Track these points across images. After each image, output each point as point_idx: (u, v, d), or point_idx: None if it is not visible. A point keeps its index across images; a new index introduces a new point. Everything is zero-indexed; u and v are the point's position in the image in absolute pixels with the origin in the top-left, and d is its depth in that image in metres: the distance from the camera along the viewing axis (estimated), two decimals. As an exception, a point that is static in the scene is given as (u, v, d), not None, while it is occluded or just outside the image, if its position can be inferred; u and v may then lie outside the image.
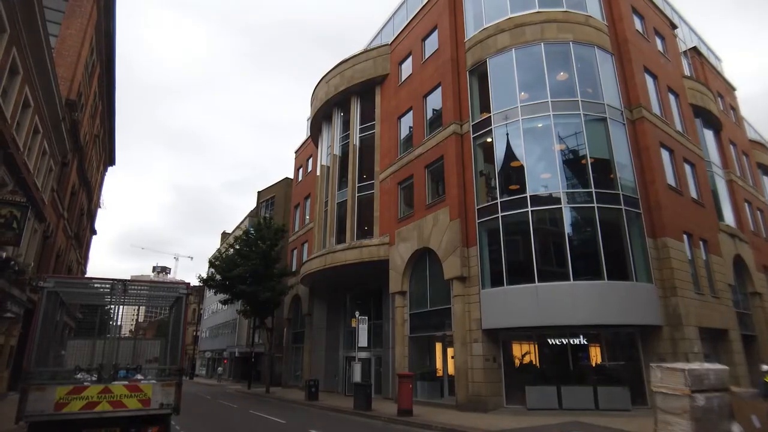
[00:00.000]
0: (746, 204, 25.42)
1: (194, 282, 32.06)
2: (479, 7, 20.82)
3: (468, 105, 19.81)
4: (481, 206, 18.24)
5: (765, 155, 31.78)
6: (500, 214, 17.31)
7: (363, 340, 19.41)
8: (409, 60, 24.07)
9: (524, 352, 18.01)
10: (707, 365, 10.71)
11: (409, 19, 24.62)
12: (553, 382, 15.99)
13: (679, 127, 21.17)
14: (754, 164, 29.54)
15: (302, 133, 42.75)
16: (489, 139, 18.76)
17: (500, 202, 17.50)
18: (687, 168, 20.48)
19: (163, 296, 11.43)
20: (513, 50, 18.87)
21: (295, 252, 35.30)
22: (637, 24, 21.23)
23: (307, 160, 35.90)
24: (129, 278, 20.15)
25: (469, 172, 18.97)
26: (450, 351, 18.64)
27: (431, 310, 19.60)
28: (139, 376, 9.05)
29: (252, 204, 52.43)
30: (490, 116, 18.77)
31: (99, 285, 9.81)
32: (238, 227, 50.90)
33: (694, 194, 20.25)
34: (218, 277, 29.90)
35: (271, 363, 32.53)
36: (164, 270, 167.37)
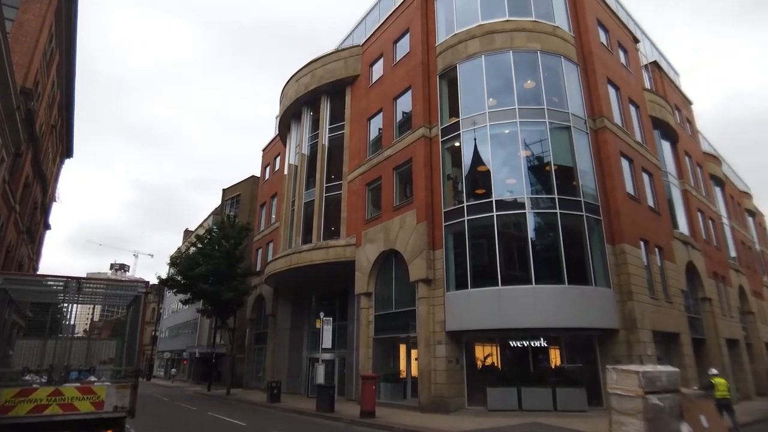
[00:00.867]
0: (699, 213, 26.57)
1: (154, 281, 31.13)
2: (451, 12, 21.05)
3: (437, 109, 19.99)
4: (447, 209, 18.42)
5: (717, 167, 33.34)
6: (466, 218, 17.52)
7: (327, 341, 19.26)
8: (381, 62, 24.10)
9: (486, 353, 18.30)
10: (660, 367, 11.11)
11: (382, 21, 24.67)
12: (514, 383, 16.29)
13: (638, 138, 21.95)
14: (707, 175, 30.93)
15: (271, 131, 42.35)
16: (457, 144, 18.98)
17: (467, 205, 17.72)
18: (645, 177, 21.25)
19: (120, 295, 11.08)
20: (483, 57, 19.17)
21: (260, 251, 34.78)
22: (602, 37, 21.92)
23: (275, 159, 35.44)
24: (85, 276, 19.41)
25: (437, 175, 19.13)
26: (414, 353, 18.74)
27: (396, 312, 19.66)
28: (92, 378, 8.73)
29: (217, 202, 51.38)
30: (458, 121, 19.00)
31: (52, 283, 9.42)
32: (201, 225, 49.74)
33: (651, 203, 21.03)
34: (178, 277, 29.10)
35: (233, 364, 31.91)
36: (123, 267, 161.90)
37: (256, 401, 22.81)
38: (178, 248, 36.57)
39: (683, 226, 23.96)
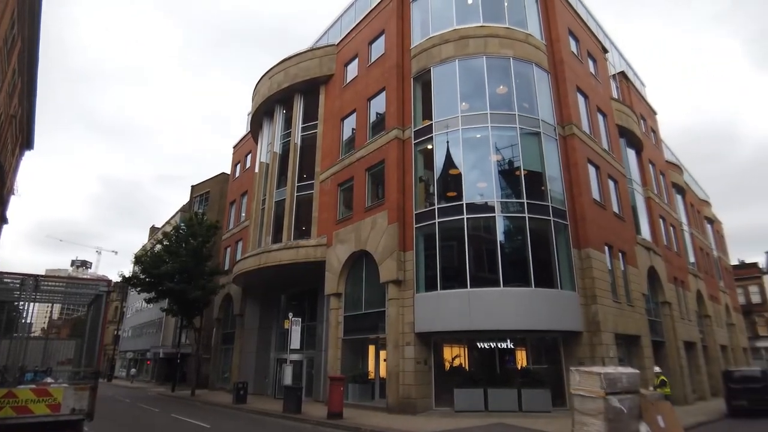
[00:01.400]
0: (661, 220, 27.50)
1: (117, 278, 30.23)
2: (426, 16, 21.19)
3: (411, 111, 20.08)
4: (419, 211, 18.52)
5: (679, 176, 34.60)
6: (437, 220, 17.65)
7: (296, 341, 19.10)
8: (355, 62, 24.06)
9: (455, 355, 18.49)
10: (621, 369, 11.44)
11: (357, 22, 24.63)
12: (481, 384, 16.49)
13: (605, 146, 22.56)
14: (670, 184, 32.05)
15: (242, 128, 41.62)
16: (430, 146, 19.11)
17: (438, 208, 17.85)
18: (611, 184, 21.86)
19: (80, 294, 10.73)
20: (456, 61, 19.36)
21: (229, 250, 34.21)
22: (573, 46, 22.45)
23: (246, 156, 34.95)
24: (43, 273, 18.70)
25: (409, 177, 19.22)
26: (383, 354, 18.76)
27: (366, 313, 19.64)
28: (49, 379, 8.43)
29: (185, 199, 50.32)
30: (431, 124, 19.13)
31: (8, 280, 9.05)
32: (168, 222, 48.59)
33: (616, 209, 21.63)
34: (142, 275, 28.34)
35: (198, 364, 31.30)
36: (84, 264, 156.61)
37: (222, 402, 22.42)
38: (144, 245, 35.51)
39: (646, 232, 24.74)
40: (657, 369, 17.43)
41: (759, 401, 18.01)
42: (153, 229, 59.70)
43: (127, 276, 28.81)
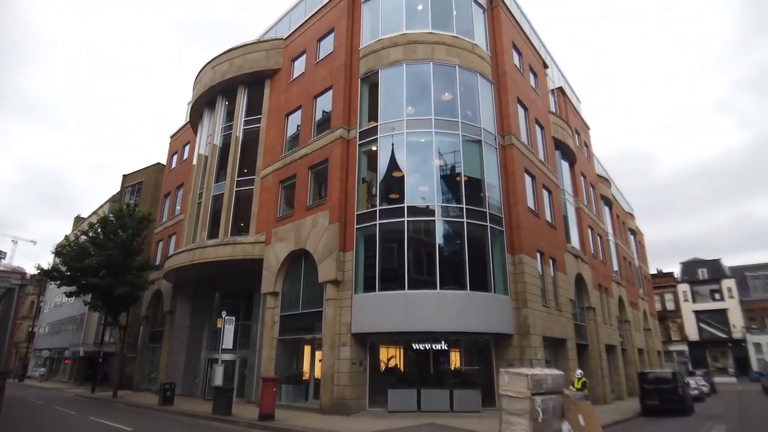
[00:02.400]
0: (589, 229, 29.08)
1: (35, 270, 28.02)
2: (377, 17, 21.22)
3: (357, 111, 20.03)
4: (360, 212, 18.50)
5: (607, 189, 36.78)
6: (378, 222, 17.71)
7: (228, 341, 18.50)
8: (303, 58, 23.71)
9: (390, 356, 18.60)
10: (547, 370, 11.95)
11: (307, 17, 24.27)
12: (415, 385, 16.71)
13: (541, 157, 23.56)
14: (599, 196, 33.98)
15: (181, 117, 39.87)
16: (374, 148, 19.14)
17: (379, 209, 17.91)
18: (545, 194, 22.85)
19: (-13, 285, 9.81)
20: (404, 65, 19.52)
21: (161, 244, 32.67)
22: (516, 59, 23.29)
23: (184, 147, 33.51)
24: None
25: (353, 177, 19.16)
26: (318, 354, 18.56)
27: (303, 313, 19.37)
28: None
29: (116, 188, 47.56)
30: (377, 125, 19.17)
31: None
32: (95, 212, 45.70)
33: (548, 217, 22.63)
34: (63, 268, 26.46)
35: (123, 364, 29.62)
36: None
37: (147, 404, 21.33)
38: (66, 236, 33.00)
39: (575, 240, 26.07)
40: (579, 372, 18.39)
41: (669, 401, 19.48)
42: (78, 219, 55.95)
43: (45, 268, 26.72)
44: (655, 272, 64.48)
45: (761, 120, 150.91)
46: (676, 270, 67.20)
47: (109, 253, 25.64)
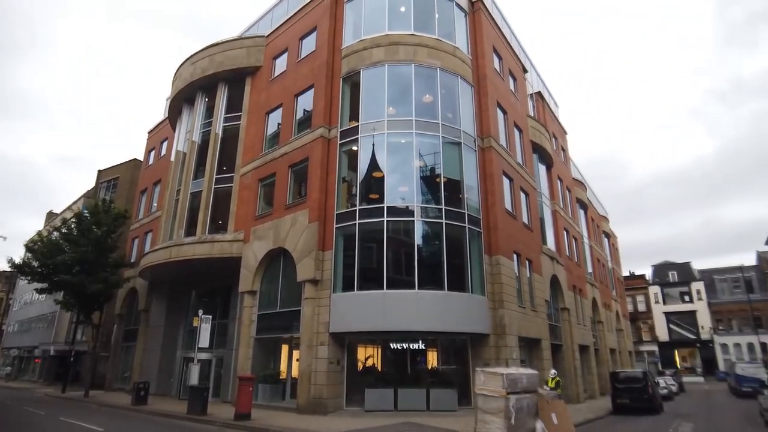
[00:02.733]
0: (565, 232, 29.65)
1: (5, 266, 27.24)
2: (359, 18, 21.27)
3: (338, 111, 20.05)
4: (340, 212, 18.53)
5: (583, 192, 37.52)
6: (358, 221, 17.77)
7: (205, 340, 18.30)
8: (285, 56, 23.61)
9: (368, 355, 18.69)
10: (522, 370, 12.19)
11: (290, 15, 24.16)
12: (392, 384, 16.83)
13: (519, 160, 23.94)
14: (574, 199, 34.65)
15: (159, 113, 39.27)
16: (355, 147, 19.20)
17: (359, 209, 17.97)
18: (522, 196, 23.22)
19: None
20: (386, 66, 19.62)
21: (137, 241, 32.11)
22: (496, 63, 23.61)
23: (162, 143, 33.00)
24: None
25: (333, 177, 19.17)
26: (296, 354, 18.54)
27: (280, 312, 19.31)
28: None
29: (90, 184, 46.53)
30: (358, 125, 19.22)
31: None
32: (69, 208, 44.61)
33: (525, 219, 23.01)
34: (35, 263, 25.80)
35: (95, 363, 29.04)
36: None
37: (120, 404, 20.97)
38: (39, 232, 32.14)
39: (551, 242, 26.57)
40: (553, 371, 18.77)
41: (639, 399, 20.04)
42: (50, 215, 54.51)
43: (17, 263, 26.00)
44: (628, 274, 66.02)
45: (730, 129, 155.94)
46: (648, 272, 68.96)
47: (82, 249, 25.12)
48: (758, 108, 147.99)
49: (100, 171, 41.56)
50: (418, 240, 17.62)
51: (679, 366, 57.21)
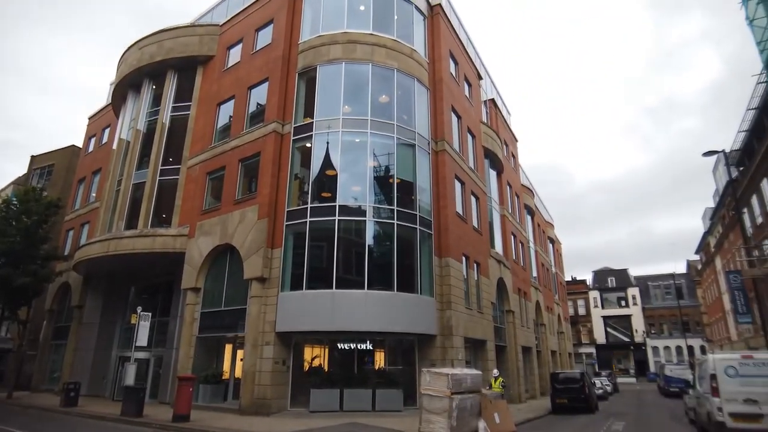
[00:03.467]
0: (512, 236, 30.46)
1: None
2: (318, 13, 20.98)
3: (293, 106, 19.68)
4: (291, 209, 18.19)
5: (530, 199, 38.74)
6: (309, 219, 17.50)
7: (143, 338, 17.47)
8: (239, 47, 22.94)
9: (315, 355, 18.44)
10: (466, 370, 12.38)
11: (247, 5, 23.49)
12: (338, 384, 16.66)
13: (471, 164, 24.37)
14: (522, 205, 35.69)
15: (102, 98, 37.23)
16: (308, 144, 18.91)
17: (311, 207, 17.71)
18: (473, 200, 23.65)
19: None
20: (343, 63, 19.44)
21: (72, 233, 30.26)
22: (452, 68, 23.92)
23: (103, 130, 31.27)
24: None
25: (285, 173, 18.79)
26: (240, 353, 18.02)
27: (225, 310, 18.72)
28: None
29: (22, 170, 43.52)
30: (312, 122, 18.95)
31: None
32: (-4, 195, 41.57)
33: (475, 223, 23.44)
34: None
35: (21, 362, 27.15)
36: None
37: (47, 406, 19.63)
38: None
39: (498, 246, 27.21)
40: (496, 372, 19.20)
41: (576, 399, 20.86)
42: (-25, 202, 50.58)
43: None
44: (570, 279, 68.83)
45: (661, 144, 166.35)
46: (589, 278, 72.16)
47: (9, 239, 23.37)
48: (687, 126, 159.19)
49: (33, 157, 38.94)
50: (369, 240, 17.55)
51: (614, 368, 60.23)
